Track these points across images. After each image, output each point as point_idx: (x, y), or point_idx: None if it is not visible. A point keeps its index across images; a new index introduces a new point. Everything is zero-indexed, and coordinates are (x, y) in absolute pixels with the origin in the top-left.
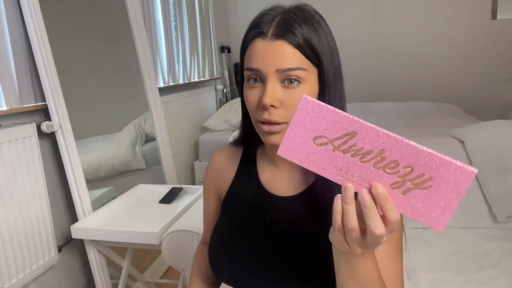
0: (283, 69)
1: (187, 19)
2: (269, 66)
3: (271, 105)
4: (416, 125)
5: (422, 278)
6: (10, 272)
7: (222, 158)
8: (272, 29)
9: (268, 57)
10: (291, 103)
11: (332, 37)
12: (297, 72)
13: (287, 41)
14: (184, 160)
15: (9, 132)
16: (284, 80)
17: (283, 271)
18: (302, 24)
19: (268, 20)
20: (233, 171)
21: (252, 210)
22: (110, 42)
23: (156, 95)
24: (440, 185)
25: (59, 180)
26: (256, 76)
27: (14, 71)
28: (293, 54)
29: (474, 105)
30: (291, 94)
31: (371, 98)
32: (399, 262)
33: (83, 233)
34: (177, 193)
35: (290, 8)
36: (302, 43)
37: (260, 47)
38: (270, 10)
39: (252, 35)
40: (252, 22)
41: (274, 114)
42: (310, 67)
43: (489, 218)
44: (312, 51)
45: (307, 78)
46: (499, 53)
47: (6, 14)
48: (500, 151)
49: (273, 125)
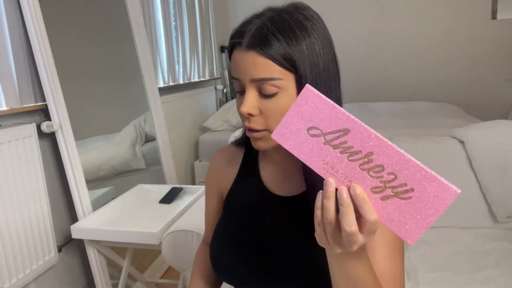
0: (257, 79)
1: (187, 19)
2: (245, 76)
3: (248, 114)
4: (416, 125)
5: (422, 278)
6: (10, 272)
7: (224, 157)
8: (246, 40)
9: (243, 67)
10: (269, 111)
11: (322, 40)
12: (271, 82)
13: (258, 52)
14: (184, 160)
15: (9, 132)
16: (261, 89)
17: (284, 271)
18: (277, 33)
19: (246, 29)
20: (234, 171)
21: (253, 210)
22: (110, 42)
23: (156, 95)
24: (420, 198)
25: (59, 180)
26: (240, 85)
27: (14, 71)
28: (265, 64)
29: (474, 105)
30: (269, 102)
31: (371, 98)
32: (399, 262)
33: (83, 233)
34: (177, 193)
35: (269, 15)
36: (274, 53)
37: (237, 57)
38: (252, 18)
39: (231, 45)
40: (233, 31)
41: (254, 122)
42: (285, 75)
43: (489, 218)
44: (285, 59)
45: (284, 86)
46: (499, 53)
47: (6, 14)
48: (500, 151)
49: (254, 132)
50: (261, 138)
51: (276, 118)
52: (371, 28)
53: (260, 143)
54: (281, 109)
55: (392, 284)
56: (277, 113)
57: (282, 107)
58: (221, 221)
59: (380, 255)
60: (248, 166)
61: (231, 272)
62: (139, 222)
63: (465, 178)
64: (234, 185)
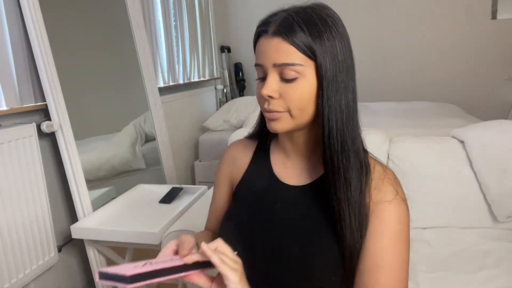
0: (279, 64)
1: (187, 19)
2: (268, 61)
3: (269, 96)
4: (416, 125)
5: (422, 278)
6: (10, 272)
7: (237, 149)
8: (272, 28)
9: (267, 53)
10: (289, 95)
11: (341, 36)
12: (292, 67)
13: (282, 38)
14: (184, 160)
15: (9, 132)
16: (282, 73)
17: (291, 259)
18: (301, 23)
19: (272, 20)
20: (247, 162)
21: (264, 198)
22: (110, 42)
23: (156, 95)
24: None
25: (59, 180)
26: (262, 71)
27: (14, 71)
28: (288, 49)
29: (474, 105)
30: (289, 87)
31: (371, 98)
32: (401, 256)
33: (83, 233)
34: (177, 193)
35: (297, 8)
36: (297, 40)
37: (262, 44)
38: (278, 11)
39: (257, 33)
40: (260, 21)
41: (273, 104)
42: (306, 61)
43: (489, 218)
44: (307, 47)
45: (304, 72)
46: (499, 53)
47: (6, 14)
48: (500, 151)
49: (273, 113)
50: (279, 119)
51: (295, 102)
52: (371, 28)
53: (277, 124)
54: (300, 94)
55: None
56: (296, 97)
57: (301, 93)
58: (230, 209)
59: (381, 248)
60: (259, 157)
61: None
62: (139, 222)
63: (465, 178)
64: (245, 175)
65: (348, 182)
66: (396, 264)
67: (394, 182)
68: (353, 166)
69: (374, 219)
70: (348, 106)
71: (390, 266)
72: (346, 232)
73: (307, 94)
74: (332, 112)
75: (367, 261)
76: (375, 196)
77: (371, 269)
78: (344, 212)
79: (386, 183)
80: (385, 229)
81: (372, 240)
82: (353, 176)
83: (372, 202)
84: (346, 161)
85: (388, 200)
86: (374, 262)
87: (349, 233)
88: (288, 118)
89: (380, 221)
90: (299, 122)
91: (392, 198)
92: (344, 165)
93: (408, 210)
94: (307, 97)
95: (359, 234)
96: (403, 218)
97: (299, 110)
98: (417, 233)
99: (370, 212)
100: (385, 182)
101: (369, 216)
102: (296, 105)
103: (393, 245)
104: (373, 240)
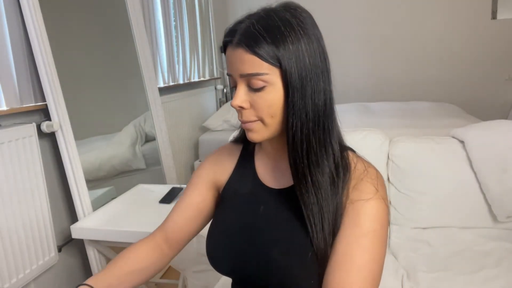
0: (245, 75)
1: (187, 19)
2: (235, 72)
3: (240, 107)
4: (416, 125)
5: (422, 278)
6: (10, 272)
7: (223, 153)
8: (236, 38)
9: (234, 64)
10: (259, 104)
11: (309, 36)
12: (258, 77)
13: (244, 49)
14: (184, 160)
15: (9, 132)
16: (250, 83)
17: (272, 263)
18: (263, 31)
19: (237, 28)
20: (232, 166)
21: (249, 202)
22: (110, 42)
23: (156, 95)
24: None
25: (59, 180)
26: (233, 81)
27: (14, 71)
28: (252, 60)
29: (474, 105)
30: (258, 96)
31: (371, 98)
32: (370, 255)
33: (83, 233)
34: (177, 193)
35: (259, 14)
36: (260, 49)
37: (228, 54)
38: (244, 17)
39: (223, 43)
40: (226, 29)
41: (246, 115)
42: (271, 70)
43: (489, 218)
44: (270, 55)
45: (271, 80)
46: (499, 53)
47: (6, 14)
48: (500, 151)
49: (247, 123)
50: (253, 129)
51: (265, 111)
52: (371, 28)
53: (253, 134)
54: (269, 102)
55: (352, 275)
56: (266, 106)
57: (270, 101)
58: (217, 214)
59: (346, 243)
60: (244, 161)
61: (230, 266)
62: (139, 222)
63: (465, 178)
64: (231, 179)
65: (316, 187)
66: (363, 264)
67: (376, 181)
68: (323, 170)
69: (346, 219)
70: (317, 110)
71: (356, 266)
72: (318, 238)
73: (276, 101)
74: (296, 119)
75: (333, 260)
76: (352, 196)
77: (336, 269)
78: (313, 217)
79: (365, 182)
80: (355, 228)
81: (339, 239)
82: (322, 181)
83: (348, 202)
84: (313, 167)
85: (364, 199)
86: (338, 259)
87: (320, 238)
88: (262, 127)
89: (351, 220)
90: (274, 129)
91: (370, 196)
92: (311, 171)
93: (388, 208)
94: (276, 104)
95: (331, 239)
96: (379, 216)
97: (271, 118)
98: (417, 233)
99: (345, 212)
100: (365, 181)
101: (342, 216)
102: (266, 114)
103: (362, 244)
104: (340, 239)
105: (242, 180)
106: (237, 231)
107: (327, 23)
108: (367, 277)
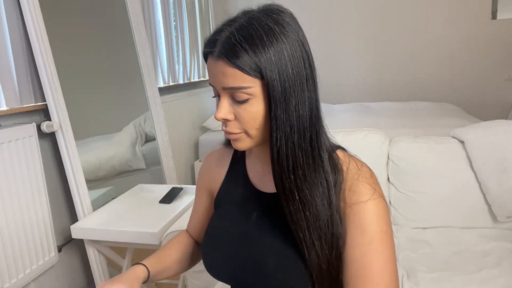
0: (227, 88)
1: (187, 19)
2: (217, 84)
3: (223, 119)
4: (416, 125)
5: (422, 278)
6: (10, 272)
7: (214, 159)
8: (217, 49)
9: (216, 76)
10: (243, 117)
11: (292, 43)
12: (241, 90)
13: (226, 62)
14: (184, 160)
15: (9, 132)
16: (234, 96)
17: (265, 270)
18: (243, 43)
19: (218, 37)
20: (224, 171)
21: (242, 207)
22: (110, 42)
23: (156, 95)
24: None
25: (59, 180)
26: (216, 91)
27: (14, 71)
28: (234, 73)
29: (474, 105)
30: (242, 108)
31: (371, 98)
32: (385, 257)
33: (83, 233)
34: (177, 193)
35: (239, 22)
36: (241, 62)
37: (210, 65)
38: (223, 25)
39: (204, 53)
40: (205, 39)
41: (230, 127)
42: (254, 82)
43: (489, 218)
44: (252, 68)
45: (255, 92)
46: (499, 53)
47: (6, 14)
48: (500, 151)
49: (231, 134)
50: (238, 139)
51: (250, 123)
52: (371, 28)
53: (238, 144)
54: (254, 115)
55: (369, 279)
56: (250, 118)
57: (255, 113)
58: (212, 221)
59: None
60: (236, 165)
61: (226, 272)
62: (139, 222)
63: (465, 178)
64: (223, 184)
65: (303, 204)
66: (381, 268)
67: (370, 180)
68: (311, 185)
69: (350, 225)
70: (303, 122)
71: (375, 271)
72: (309, 252)
73: (261, 113)
74: (280, 133)
75: (350, 270)
76: (349, 198)
77: (356, 278)
78: (303, 233)
79: (361, 182)
80: (363, 233)
81: (350, 249)
82: (311, 196)
83: (347, 206)
84: (300, 182)
85: (363, 201)
86: (357, 270)
87: (313, 254)
88: (246, 138)
89: (356, 226)
90: (259, 139)
91: (369, 197)
92: (299, 186)
93: (387, 206)
94: (261, 116)
95: (324, 253)
96: (382, 215)
97: (255, 130)
98: (417, 233)
99: (346, 218)
100: (360, 181)
101: (345, 223)
102: (251, 126)
103: (374, 248)
104: (352, 250)
105: (235, 185)
106: (232, 239)
107: (327, 23)
108: (387, 278)
